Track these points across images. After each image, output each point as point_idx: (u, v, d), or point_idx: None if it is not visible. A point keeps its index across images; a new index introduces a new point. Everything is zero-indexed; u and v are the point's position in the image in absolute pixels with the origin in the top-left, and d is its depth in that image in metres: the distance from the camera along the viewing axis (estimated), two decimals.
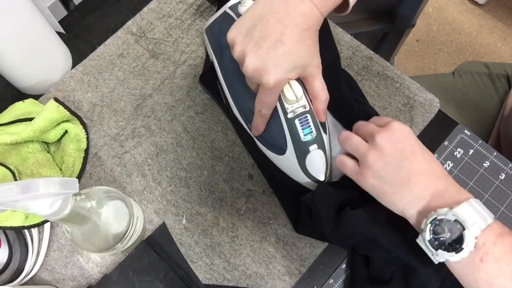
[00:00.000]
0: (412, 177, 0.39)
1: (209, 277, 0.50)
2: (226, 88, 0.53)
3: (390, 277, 0.46)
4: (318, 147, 0.46)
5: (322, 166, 0.47)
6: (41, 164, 0.51)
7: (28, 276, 0.49)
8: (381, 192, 0.41)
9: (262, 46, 0.39)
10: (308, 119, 0.45)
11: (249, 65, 0.40)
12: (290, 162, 0.47)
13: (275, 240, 0.51)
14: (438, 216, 0.36)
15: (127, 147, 0.56)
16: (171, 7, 0.63)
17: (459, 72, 0.81)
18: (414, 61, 1.53)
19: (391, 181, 0.40)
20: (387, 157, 0.40)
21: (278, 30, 0.39)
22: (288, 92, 0.43)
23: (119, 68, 0.60)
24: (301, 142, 0.45)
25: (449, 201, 0.37)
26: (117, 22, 0.64)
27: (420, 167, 0.39)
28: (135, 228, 0.46)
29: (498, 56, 1.52)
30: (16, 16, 0.49)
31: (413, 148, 0.40)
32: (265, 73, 0.40)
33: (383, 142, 0.40)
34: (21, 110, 0.55)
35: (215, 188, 0.54)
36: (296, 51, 0.40)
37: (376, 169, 0.40)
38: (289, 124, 0.45)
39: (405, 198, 0.39)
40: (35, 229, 0.50)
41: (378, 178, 0.40)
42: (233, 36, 0.42)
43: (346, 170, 0.44)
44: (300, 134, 0.45)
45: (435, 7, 1.61)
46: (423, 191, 0.39)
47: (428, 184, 0.39)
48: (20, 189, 0.30)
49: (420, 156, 0.40)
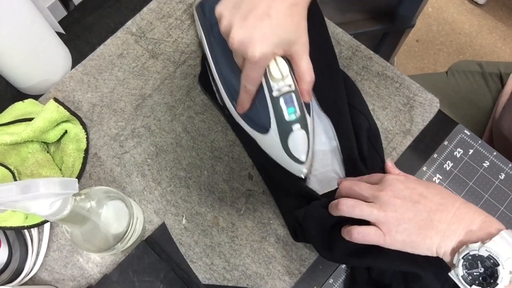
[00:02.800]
0: (433, 217, 0.39)
1: (209, 277, 0.50)
2: (214, 68, 0.53)
3: (390, 281, 0.46)
4: (301, 127, 0.46)
5: (304, 146, 0.47)
6: (41, 164, 0.51)
7: (28, 276, 0.49)
8: (412, 243, 0.39)
9: (248, 19, 0.39)
10: (292, 99, 0.45)
11: (235, 37, 0.40)
12: (273, 141, 0.47)
13: (275, 240, 0.51)
14: (470, 251, 0.36)
15: (127, 147, 0.56)
16: (171, 7, 0.63)
17: (453, 71, 0.81)
18: (414, 61, 1.53)
19: (416, 227, 0.39)
20: (401, 209, 0.39)
21: (265, 3, 0.39)
22: (274, 70, 0.43)
23: (119, 68, 0.60)
24: (284, 121, 0.45)
25: (480, 234, 0.37)
26: (117, 22, 0.64)
27: (434, 204, 0.39)
28: (135, 228, 0.46)
29: (498, 56, 1.52)
30: (16, 16, 0.49)
31: (417, 190, 0.40)
32: (250, 46, 0.39)
33: (389, 199, 0.40)
34: (21, 110, 0.55)
35: (215, 188, 0.54)
36: (283, 25, 0.39)
37: (397, 223, 0.39)
38: (273, 102, 0.45)
39: (434, 238, 0.38)
40: (35, 229, 0.50)
41: (404, 231, 0.39)
42: (220, 9, 0.42)
43: (371, 238, 0.41)
44: (284, 113, 0.45)
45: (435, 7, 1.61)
46: (449, 226, 0.38)
47: (451, 218, 0.38)
48: (20, 189, 0.30)
49: (429, 194, 0.40)
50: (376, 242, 0.41)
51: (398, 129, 0.56)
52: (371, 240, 0.41)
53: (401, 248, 0.40)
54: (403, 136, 0.56)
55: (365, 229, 0.41)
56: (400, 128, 0.56)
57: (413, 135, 0.56)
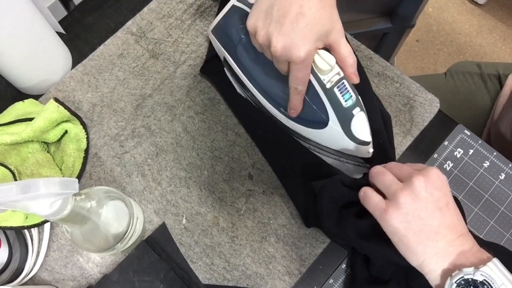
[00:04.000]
0: (441, 231, 0.38)
1: (209, 277, 0.50)
2: (247, 82, 0.53)
3: (390, 278, 0.46)
4: (361, 109, 0.46)
5: (366, 126, 0.47)
6: (41, 164, 0.51)
7: (28, 276, 0.49)
8: (403, 237, 0.38)
9: (285, 23, 0.40)
10: (345, 85, 0.45)
11: (276, 44, 0.40)
12: (334, 132, 0.47)
13: (275, 240, 0.51)
14: (465, 275, 0.35)
15: (127, 147, 0.56)
16: (171, 7, 0.63)
17: (451, 73, 0.81)
18: (414, 61, 1.53)
19: (418, 229, 0.38)
20: (421, 202, 0.38)
21: (296, 4, 0.39)
22: (321, 63, 0.43)
23: (119, 68, 0.60)
24: (343, 109, 0.45)
25: (473, 260, 0.37)
26: (117, 22, 0.64)
27: (450, 221, 0.38)
28: (135, 228, 0.46)
29: (498, 56, 1.52)
30: (16, 16, 0.49)
31: (447, 199, 0.39)
32: (293, 48, 0.40)
33: (419, 185, 0.38)
34: (21, 110, 0.55)
35: (215, 188, 0.54)
36: (318, 19, 0.40)
37: (405, 211, 0.38)
38: (328, 94, 0.45)
39: (428, 250, 0.38)
40: (35, 229, 0.50)
41: (405, 222, 0.38)
42: (253, 22, 0.42)
43: (369, 204, 0.41)
44: (341, 101, 0.45)
45: (435, 7, 1.61)
46: (448, 247, 0.38)
47: (455, 240, 0.38)
48: (20, 189, 0.30)
49: (452, 208, 0.39)
50: (372, 211, 0.41)
51: (398, 129, 0.56)
52: (369, 205, 0.41)
53: (389, 233, 0.39)
54: (403, 136, 0.56)
55: (372, 193, 0.41)
56: (400, 128, 0.56)
57: (413, 135, 0.56)
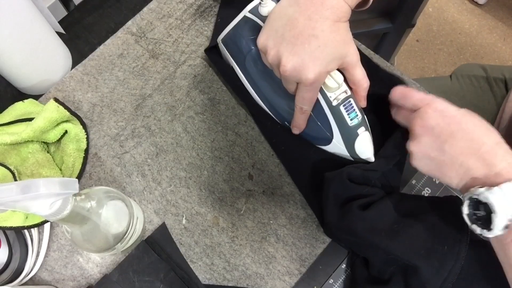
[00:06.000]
0: (455, 161, 0.39)
1: (209, 277, 0.50)
2: (253, 92, 0.53)
3: (390, 277, 0.46)
4: (365, 129, 0.46)
5: (370, 146, 0.47)
6: (41, 164, 0.51)
7: (28, 276, 0.49)
8: (434, 175, 0.42)
9: (296, 44, 0.39)
10: (352, 103, 0.45)
11: (286, 64, 0.40)
12: (337, 150, 0.47)
13: (275, 240, 0.51)
14: (473, 195, 0.38)
15: (127, 147, 0.56)
16: (171, 7, 0.63)
17: (457, 75, 0.81)
18: (414, 61, 1.53)
19: (438, 166, 0.40)
20: (426, 146, 0.41)
21: (309, 26, 0.39)
22: (329, 81, 0.43)
23: (119, 68, 0.60)
24: (348, 128, 0.45)
25: (487, 182, 0.38)
26: (117, 22, 0.64)
27: (460, 148, 0.39)
28: (135, 228, 0.46)
29: (498, 56, 1.52)
30: (16, 16, 0.49)
31: (450, 128, 0.40)
32: (303, 69, 0.40)
33: (418, 130, 0.41)
34: (21, 110, 0.55)
35: (215, 188, 0.54)
36: (331, 42, 0.40)
37: (420, 155, 0.41)
38: (334, 112, 0.45)
39: (454, 179, 0.40)
40: (35, 229, 0.50)
41: (425, 165, 0.42)
42: (263, 40, 0.42)
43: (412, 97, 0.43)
44: (347, 119, 0.45)
45: (435, 7, 1.61)
46: (468, 170, 0.39)
47: (473, 163, 0.39)
48: (20, 189, 0.30)
49: (459, 134, 0.39)
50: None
51: None
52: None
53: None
54: None
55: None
56: None
57: None
